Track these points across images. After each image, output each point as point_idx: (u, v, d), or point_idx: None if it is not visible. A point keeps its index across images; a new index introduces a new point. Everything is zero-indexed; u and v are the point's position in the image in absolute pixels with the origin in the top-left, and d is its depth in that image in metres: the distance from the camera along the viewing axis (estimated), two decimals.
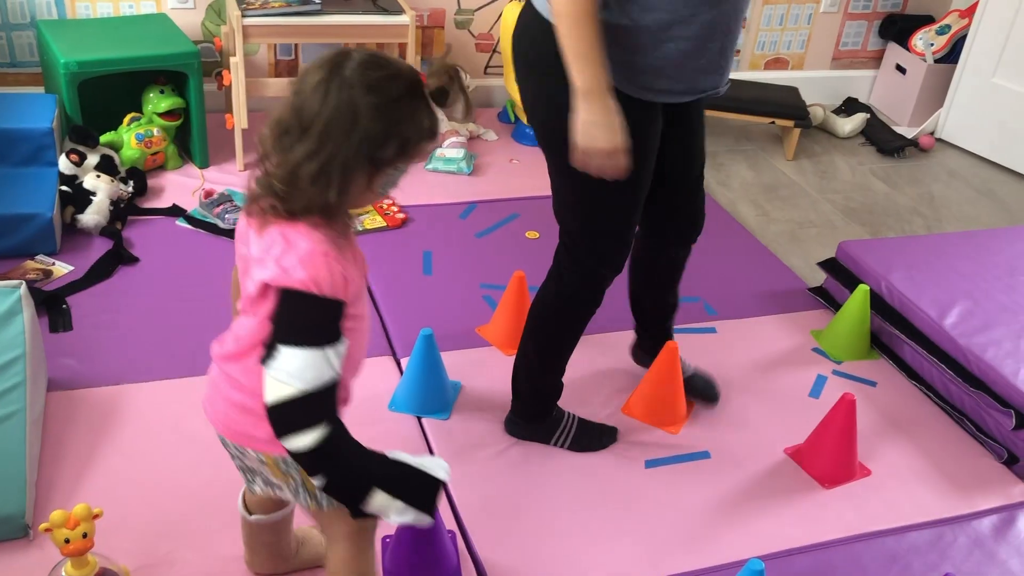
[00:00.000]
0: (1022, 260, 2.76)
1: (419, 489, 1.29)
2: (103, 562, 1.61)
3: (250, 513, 1.63)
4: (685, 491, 2.01)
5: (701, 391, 2.26)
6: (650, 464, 2.08)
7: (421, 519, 1.29)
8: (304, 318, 1.24)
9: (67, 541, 1.53)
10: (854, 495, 2.06)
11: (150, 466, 1.92)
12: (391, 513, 1.28)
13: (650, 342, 2.24)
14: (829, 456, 2.08)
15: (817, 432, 2.10)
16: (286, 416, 1.23)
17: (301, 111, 1.23)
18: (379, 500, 1.26)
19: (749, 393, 2.34)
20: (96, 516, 1.56)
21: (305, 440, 1.22)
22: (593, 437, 2.10)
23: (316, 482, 1.26)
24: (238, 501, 1.64)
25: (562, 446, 2.08)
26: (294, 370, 1.21)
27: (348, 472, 1.27)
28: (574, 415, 2.11)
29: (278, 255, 1.24)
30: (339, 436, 1.25)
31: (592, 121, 1.60)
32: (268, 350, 1.23)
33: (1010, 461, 2.20)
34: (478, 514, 1.89)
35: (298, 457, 1.25)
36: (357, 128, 1.21)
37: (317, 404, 1.23)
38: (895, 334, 2.51)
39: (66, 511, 1.53)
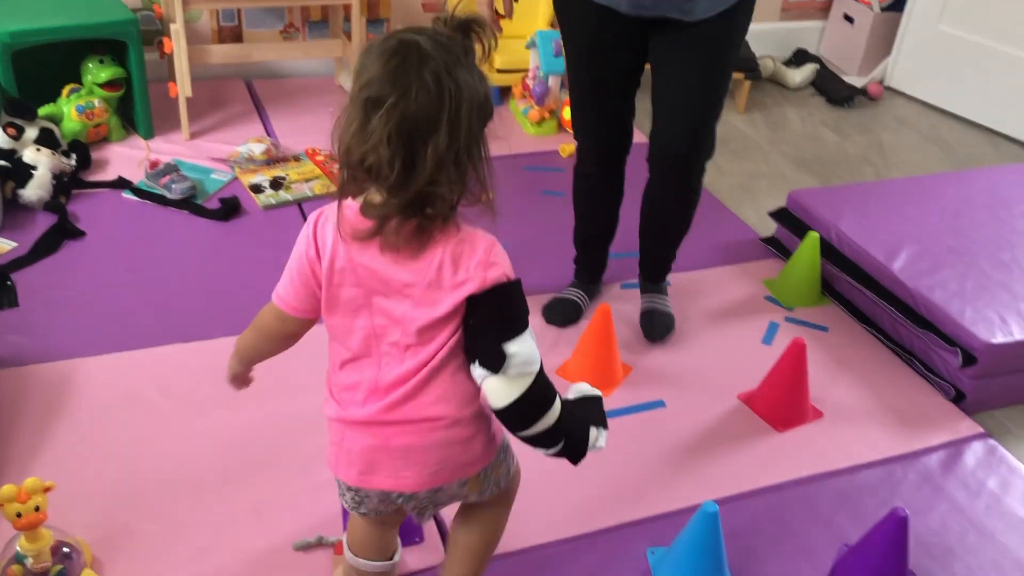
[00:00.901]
0: (968, 203, 2.80)
1: (600, 410, 1.37)
2: (58, 535, 1.60)
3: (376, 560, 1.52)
4: (641, 440, 2.04)
5: (645, 328, 2.36)
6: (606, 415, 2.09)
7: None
8: (516, 307, 1.24)
9: (19, 515, 1.51)
10: (806, 437, 2.10)
11: (104, 439, 1.91)
12: (600, 442, 1.35)
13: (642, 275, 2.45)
14: (781, 400, 2.11)
15: (769, 377, 2.14)
16: (533, 405, 1.25)
17: (419, 114, 1.14)
18: (594, 436, 1.34)
19: (704, 342, 2.37)
20: (48, 489, 1.54)
21: (551, 416, 1.26)
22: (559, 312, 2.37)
23: (551, 451, 1.31)
24: (349, 556, 1.52)
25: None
26: (527, 358, 1.22)
27: (575, 425, 1.32)
28: (578, 291, 2.42)
29: (473, 263, 1.20)
30: (561, 399, 1.30)
31: None
32: (490, 356, 1.21)
33: (957, 398, 2.25)
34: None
35: (537, 438, 1.28)
36: (472, 105, 1.17)
37: (547, 380, 1.26)
38: (845, 280, 2.55)
39: (16, 485, 1.52)
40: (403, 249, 1.20)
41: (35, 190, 2.58)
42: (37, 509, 1.52)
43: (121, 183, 2.77)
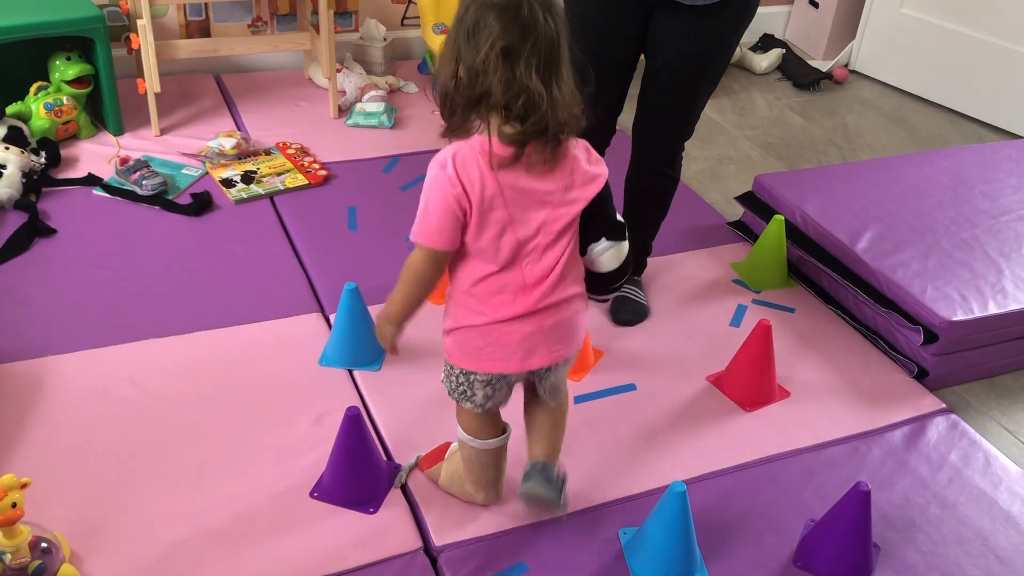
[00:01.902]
0: (931, 183, 2.86)
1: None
2: (36, 531, 1.61)
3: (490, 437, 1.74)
4: (612, 423, 2.08)
5: (613, 310, 2.41)
6: (579, 400, 2.13)
7: None
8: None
9: None
10: (774, 416, 2.15)
11: (80, 434, 1.92)
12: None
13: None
14: (748, 380, 2.16)
15: (736, 358, 2.18)
16: (628, 263, 1.64)
17: (549, 52, 1.40)
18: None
19: (673, 326, 2.41)
20: (24, 485, 1.56)
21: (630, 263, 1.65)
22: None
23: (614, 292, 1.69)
24: (478, 443, 1.73)
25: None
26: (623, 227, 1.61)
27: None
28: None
29: (592, 163, 1.52)
30: None
31: None
32: (616, 229, 1.59)
33: (920, 375, 2.31)
34: (411, 452, 1.93)
35: (619, 287, 1.67)
36: (567, 38, 1.43)
37: None
38: (811, 262, 2.59)
39: None
40: (544, 165, 1.47)
41: (5, 189, 2.58)
42: (14, 505, 1.54)
43: (91, 180, 2.77)
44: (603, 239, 1.59)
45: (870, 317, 2.44)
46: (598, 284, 1.65)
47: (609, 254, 1.60)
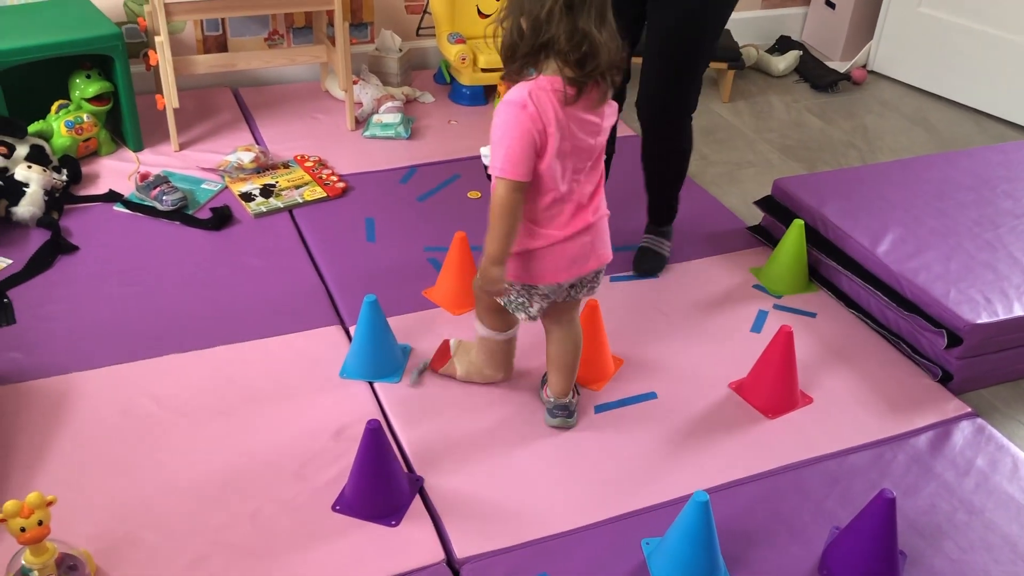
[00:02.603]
0: (952, 184, 2.83)
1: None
2: (62, 548, 1.63)
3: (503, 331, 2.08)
4: (634, 433, 2.07)
5: (635, 261, 2.60)
6: (599, 409, 2.13)
7: None
8: None
9: (23, 530, 1.54)
10: (797, 423, 2.13)
11: (104, 451, 1.94)
12: None
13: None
14: (771, 387, 2.14)
15: (758, 365, 2.17)
16: None
17: (603, 6, 1.67)
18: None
19: (694, 333, 2.40)
20: (50, 503, 1.57)
21: None
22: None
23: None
24: (501, 336, 2.06)
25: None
26: None
27: None
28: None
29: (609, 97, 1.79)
30: None
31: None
32: (609, 144, 2.09)
33: (944, 379, 2.28)
34: (432, 467, 1.93)
35: None
36: None
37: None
38: (832, 265, 2.57)
39: (19, 501, 1.55)
40: (597, 102, 1.74)
41: (28, 207, 2.61)
42: (40, 523, 1.55)
43: (112, 196, 2.79)
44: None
45: (893, 321, 2.42)
46: None
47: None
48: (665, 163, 2.56)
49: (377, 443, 1.77)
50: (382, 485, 1.81)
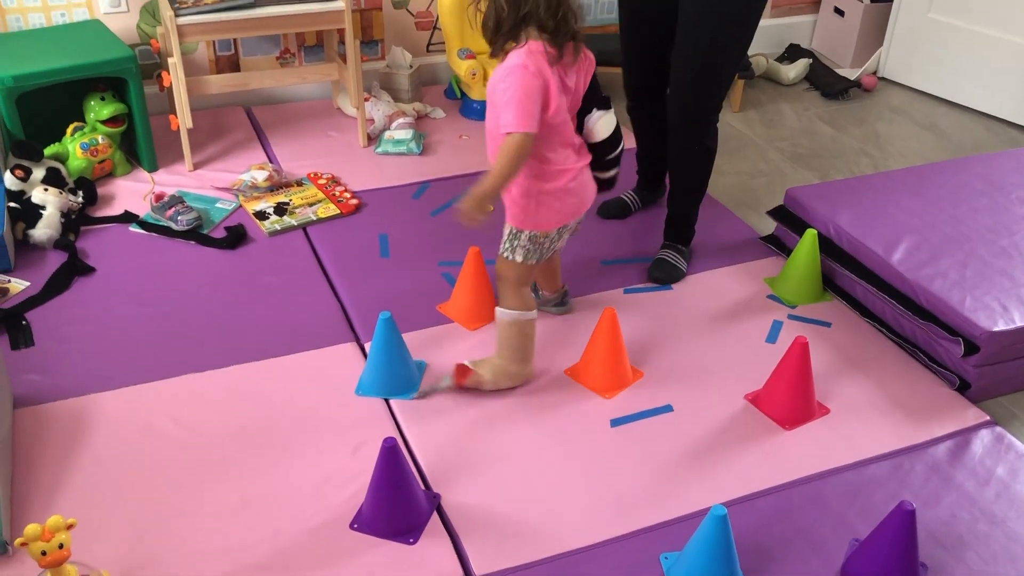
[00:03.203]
0: (965, 190, 2.82)
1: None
2: (83, 570, 1.64)
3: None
4: (650, 446, 2.07)
5: (650, 269, 2.63)
6: (615, 423, 2.13)
7: None
8: None
9: (44, 553, 1.55)
10: (814, 434, 2.12)
11: (123, 472, 1.95)
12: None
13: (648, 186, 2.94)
14: (787, 398, 2.14)
15: (774, 376, 2.16)
16: (619, 134, 2.19)
17: None
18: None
19: (708, 345, 2.39)
20: (70, 526, 1.58)
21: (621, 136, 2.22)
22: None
23: (616, 168, 2.24)
24: (530, 314, 2.17)
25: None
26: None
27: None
28: (633, 194, 2.97)
29: (585, 55, 2.06)
30: None
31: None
32: (602, 101, 2.14)
33: (962, 387, 2.27)
34: (449, 481, 1.94)
35: (617, 156, 2.20)
36: None
37: None
38: (846, 274, 2.57)
39: (40, 524, 1.56)
40: (574, 60, 2.00)
41: (45, 229, 2.63)
42: (61, 546, 1.57)
43: (128, 217, 2.81)
44: (595, 109, 2.11)
45: (909, 329, 2.41)
46: (597, 156, 2.15)
47: (602, 121, 2.12)
48: (687, 163, 2.60)
49: (394, 461, 1.77)
50: (399, 503, 1.81)
